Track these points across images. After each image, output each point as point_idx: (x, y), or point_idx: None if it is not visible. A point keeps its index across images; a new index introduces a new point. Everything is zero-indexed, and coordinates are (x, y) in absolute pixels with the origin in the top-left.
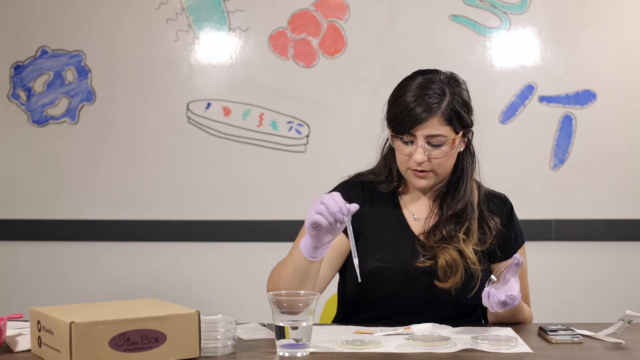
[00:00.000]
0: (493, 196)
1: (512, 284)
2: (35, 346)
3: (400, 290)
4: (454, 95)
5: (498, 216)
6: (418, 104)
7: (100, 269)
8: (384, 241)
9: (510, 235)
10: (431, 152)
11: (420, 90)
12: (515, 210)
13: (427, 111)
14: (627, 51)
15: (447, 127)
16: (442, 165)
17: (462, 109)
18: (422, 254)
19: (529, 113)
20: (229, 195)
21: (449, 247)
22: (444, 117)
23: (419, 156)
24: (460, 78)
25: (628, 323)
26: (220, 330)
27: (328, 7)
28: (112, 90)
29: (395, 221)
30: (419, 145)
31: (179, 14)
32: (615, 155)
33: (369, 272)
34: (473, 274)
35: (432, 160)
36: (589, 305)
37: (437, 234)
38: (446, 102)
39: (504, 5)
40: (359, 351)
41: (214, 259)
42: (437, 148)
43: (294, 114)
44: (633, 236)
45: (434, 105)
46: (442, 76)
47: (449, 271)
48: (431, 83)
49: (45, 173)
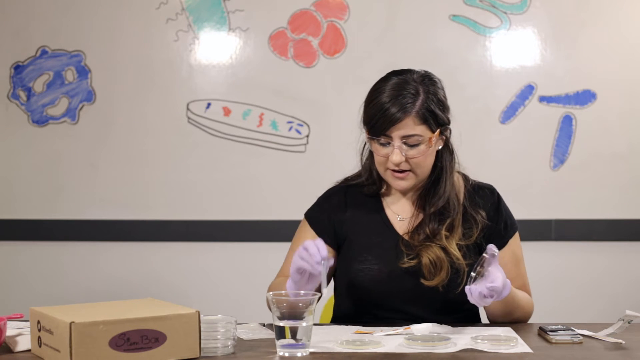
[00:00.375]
0: (479, 188)
1: (493, 275)
2: (35, 346)
3: (387, 290)
4: (428, 94)
5: (485, 208)
6: (392, 105)
7: (100, 269)
8: (368, 244)
9: (499, 226)
10: (408, 152)
11: (393, 91)
12: (503, 200)
13: (402, 111)
14: (627, 51)
15: (422, 127)
16: (420, 164)
17: (437, 107)
18: (406, 253)
19: (529, 113)
20: (229, 195)
21: (432, 245)
22: (419, 117)
23: (396, 157)
24: (435, 77)
25: (628, 323)
26: (220, 330)
27: (328, 7)
28: (112, 90)
29: (379, 223)
30: (395, 146)
31: (179, 14)
32: (615, 155)
33: (355, 275)
34: (459, 269)
35: (409, 160)
36: (589, 305)
37: (421, 233)
38: (420, 102)
39: (504, 5)
40: (359, 351)
41: (214, 259)
42: (413, 148)
43: (294, 114)
44: (633, 236)
45: (407, 105)
46: (415, 75)
47: (434, 269)
48: (405, 83)
49: (45, 173)
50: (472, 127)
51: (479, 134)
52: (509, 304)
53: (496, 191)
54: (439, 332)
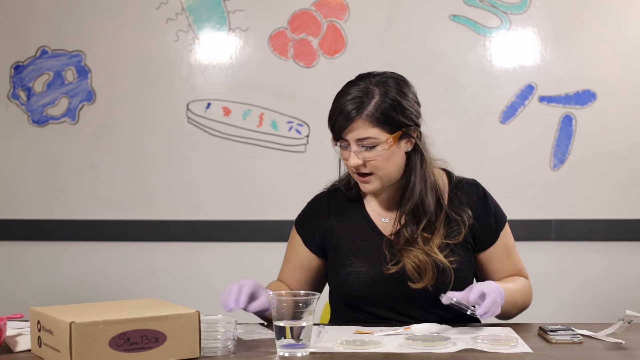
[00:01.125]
0: (462, 184)
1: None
2: (35, 346)
3: (378, 291)
4: (384, 97)
5: (470, 204)
6: (344, 107)
7: (100, 269)
8: (354, 247)
9: (489, 221)
10: (365, 155)
11: (347, 95)
12: (489, 193)
13: (352, 113)
14: (627, 51)
15: (375, 129)
16: (380, 167)
17: (392, 109)
18: (389, 258)
19: (529, 113)
20: (229, 195)
21: (413, 249)
22: (370, 119)
23: (352, 160)
24: (401, 79)
25: (628, 323)
26: (220, 330)
27: (328, 7)
28: (112, 90)
29: (363, 226)
30: (352, 150)
31: (179, 14)
32: (615, 155)
33: (344, 278)
34: (445, 269)
35: (367, 163)
36: (589, 305)
37: (402, 238)
38: (373, 104)
39: (504, 5)
40: (359, 351)
41: (214, 259)
42: (370, 150)
43: (294, 114)
44: (633, 236)
45: (357, 108)
46: (376, 78)
47: (418, 273)
48: (361, 87)
49: (45, 173)
50: (472, 127)
51: (479, 134)
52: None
53: (480, 185)
54: (439, 332)
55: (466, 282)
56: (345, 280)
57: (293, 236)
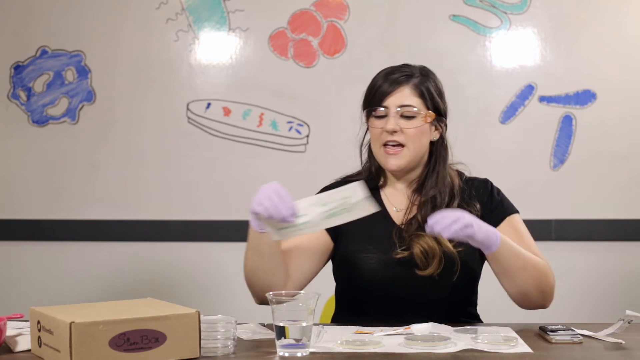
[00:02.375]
0: (474, 182)
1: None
2: (35, 346)
3: (386, 277)
4: (425, 77)
5: (479, 199)
6: (390, 76)
7: (100, 269)
8: (366, 234)
9: (494, 205)
10: (402, 123)
11: (390, 70)
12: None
13: (399, 80)
14: (627, 51)
15: (418, 99)
16: (414, 139)
17: (434, 90)
18: (399, 244)
19: (529, 113)
20: (229, 195)
21: (424, 235)
22: (415, 89)
23: (391, 124)
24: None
25: (628, 323)
26: (220, 330)
27: (328, 7)
28: (112, 90)
29: (377, 215)
30: (391, 114)
31: (179, 14)
32: (615, 155)
33: (354, 263)
34: (453, 258)
35: (404, 130)
36: (589, 305)
37: (414, 223)
38: (419, 79)
39: (504, 5)
40: (359, 351)
41: (214, 259)
42: (409, 120)
43: (294, 114)
44: (633, 236)
45: (403, 77)
46: (415, 65)
47: (426, 259)
48: (402, 66)
49: (45, 173)
50: (472, 127)
51: (479, 134)
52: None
53: (490, 182)
54: (439, 332)
55: (472, 273)
56: (355, 264)
57: None
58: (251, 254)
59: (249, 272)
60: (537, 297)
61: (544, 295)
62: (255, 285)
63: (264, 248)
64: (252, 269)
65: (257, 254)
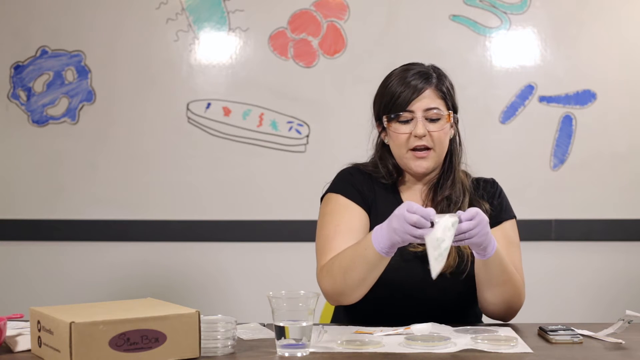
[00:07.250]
0: (482, 181)
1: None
2: (35, 346)
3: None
4: (440, 76)
5: (488, 199)
6: (412, 80)
7: (100, 269)
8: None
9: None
10: (430, 126)
11: (407, 72)
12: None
13: (423, 83)
14: (627, 51)
15: (441, 101)
16: (441, 141)
17: (451, 89)
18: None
19: (529, 113)
20: (229, 195)
21: None
22: (437, 91)
23: (420, 129)
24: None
25: (628, 323)
26: (220, 330)
27: (328, 7)
28: (112, 90)
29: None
30: (419, 119)
31: (179, 14)
32: (615, 155)
33: None
34: (463, 255)
35: (432, 134)
36: (589, 305)
37: None
38: (436, 80)
39: (504, 5)
40: (359, 351)
41: (214, 259)
42: (434, 122)
43: (294, 114)
44: (633, 236)
45: (422, 81)
46: (427, 65)
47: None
48: (416, 66)
49: (45, 173)
50: (472, 127)
51: (479, 134)
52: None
53: (497, 183)
54: (438, 332)
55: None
56: None
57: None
58: (365, 273)
59: (353, 282)
60: (503, 312)
61: (509, 312)
62: (351, 295)
63: (381, 269)
64: (356, 283)
65: (372, 272)
